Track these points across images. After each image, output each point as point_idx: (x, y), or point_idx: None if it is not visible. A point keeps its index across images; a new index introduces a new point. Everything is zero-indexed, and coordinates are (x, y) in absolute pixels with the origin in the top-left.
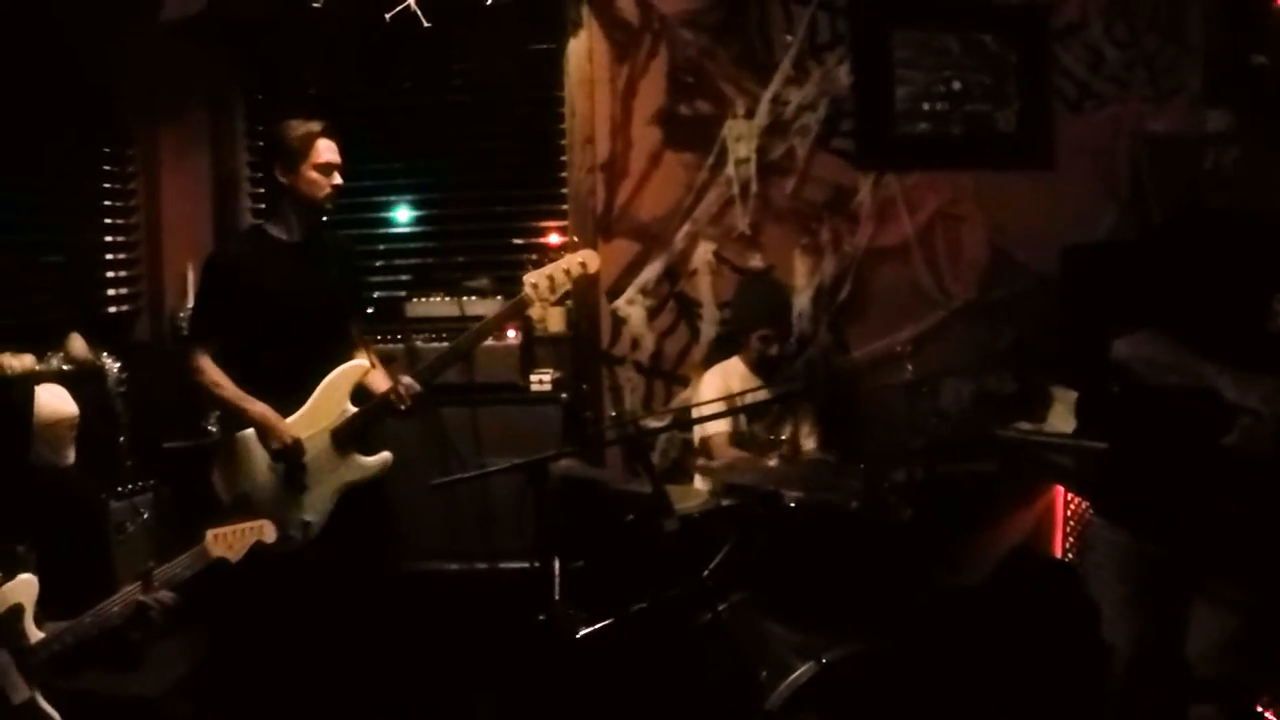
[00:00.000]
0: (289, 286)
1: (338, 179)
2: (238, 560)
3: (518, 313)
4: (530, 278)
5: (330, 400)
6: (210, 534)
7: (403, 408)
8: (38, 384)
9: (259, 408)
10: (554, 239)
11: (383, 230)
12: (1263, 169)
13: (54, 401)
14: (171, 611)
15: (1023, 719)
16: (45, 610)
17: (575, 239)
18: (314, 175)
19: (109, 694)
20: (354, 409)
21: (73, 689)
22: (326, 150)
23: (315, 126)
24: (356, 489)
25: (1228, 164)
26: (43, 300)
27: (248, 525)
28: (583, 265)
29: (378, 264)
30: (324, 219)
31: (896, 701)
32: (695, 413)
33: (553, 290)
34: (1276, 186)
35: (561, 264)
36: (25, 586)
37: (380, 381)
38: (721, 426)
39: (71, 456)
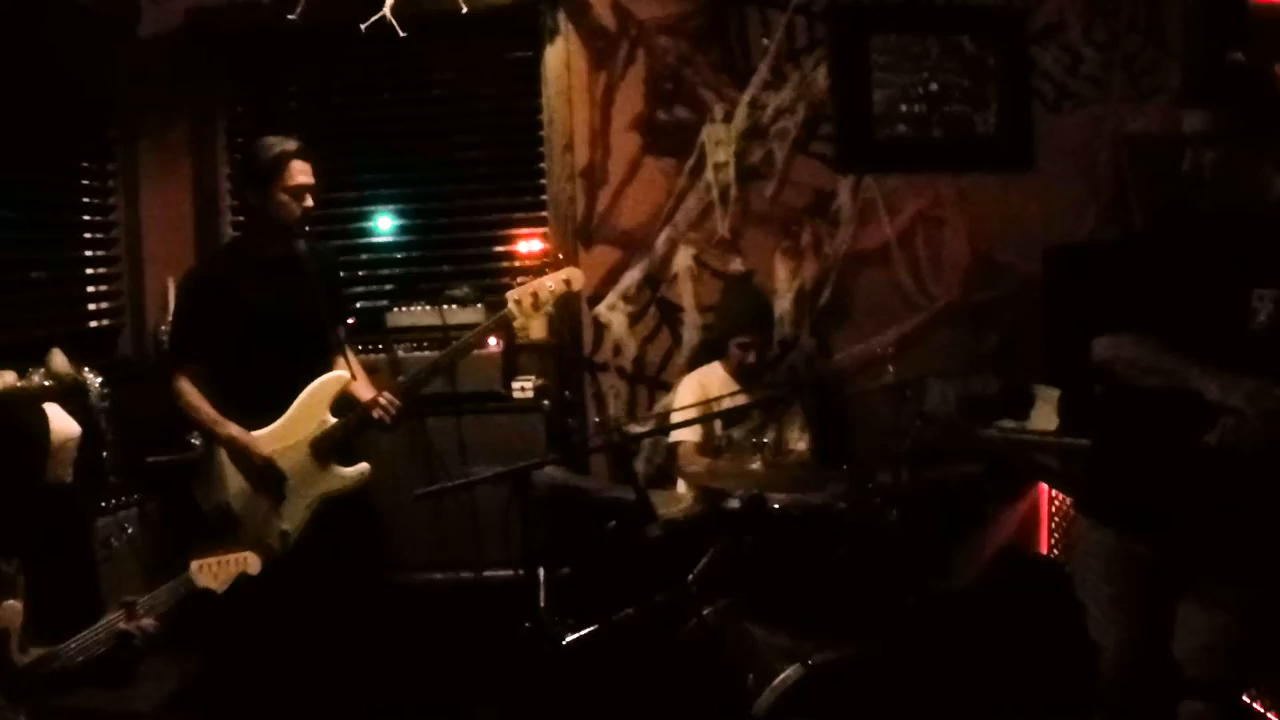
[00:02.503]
0: (266, 302)
1: (309, 201)
2: (223, 591)
3: (500, 328)
4: (514, 294)
5: (309, 411)
6: (195, 564)
7: (387, 422)
8: (19, 401)
9: (230, 430)
10: (529, 246)
11: (363, 240)
12: (1241, 169)
13: (60, 423)
14: (155, 638)
15: None
16: (30, 630)
17: (560, 256)
18: (284, 198)
19: (100, 711)
20: (333, 420)
21: (63, 707)
22: (300, 172)
23: (290, 146)
24: (343, 500)
25: (1206, 165)
26: (24, 316)
27: (233, 556)
28: (567, 283)
29: (359, 274)
30: (300, 235)
31: (884, 704)
32: (675, 419)
33: (536, 307)
34: (1256, 186)
35: (546, 281)
36: (10, 611)
37: (363, 391)
38: (690, 435)
39: (71, 473)
